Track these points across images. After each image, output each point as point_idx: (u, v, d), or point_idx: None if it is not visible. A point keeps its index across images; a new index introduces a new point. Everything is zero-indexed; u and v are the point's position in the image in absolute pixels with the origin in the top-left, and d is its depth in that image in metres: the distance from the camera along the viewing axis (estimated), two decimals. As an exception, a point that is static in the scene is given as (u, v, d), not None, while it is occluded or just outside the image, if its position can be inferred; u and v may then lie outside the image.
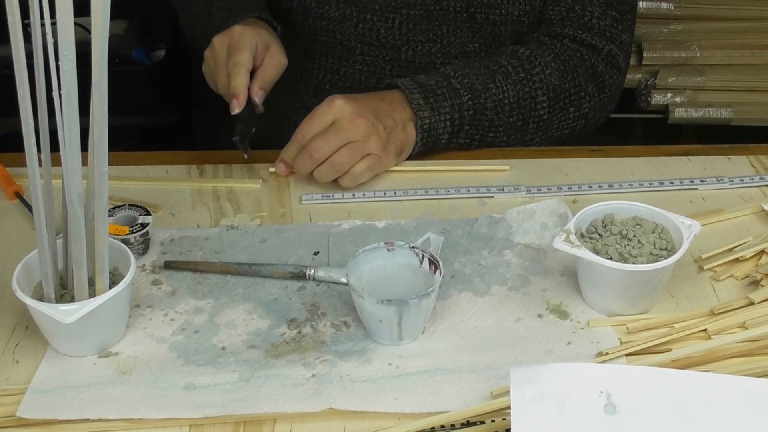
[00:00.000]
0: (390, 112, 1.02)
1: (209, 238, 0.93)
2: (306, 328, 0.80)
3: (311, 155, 0.98)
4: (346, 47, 1.13)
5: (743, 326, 0.79)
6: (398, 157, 1.03)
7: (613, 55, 1.12)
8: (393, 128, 1.01)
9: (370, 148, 0.99)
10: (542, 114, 1.09)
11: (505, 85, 1.07)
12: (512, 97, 1.07)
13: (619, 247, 0.81)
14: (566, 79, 1.09)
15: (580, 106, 1.11)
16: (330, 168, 0.98)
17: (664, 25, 1.91)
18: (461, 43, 1.12)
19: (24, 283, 0.76)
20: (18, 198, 0.98)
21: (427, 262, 0.81)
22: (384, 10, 1.11)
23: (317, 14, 1.12)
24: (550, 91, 1.08)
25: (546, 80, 1.08)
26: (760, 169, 1.06)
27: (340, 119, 0.98)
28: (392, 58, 1.12)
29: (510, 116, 1.07)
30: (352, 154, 0.98)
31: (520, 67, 1.08)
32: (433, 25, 1.11)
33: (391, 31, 1.11)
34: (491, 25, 1.11)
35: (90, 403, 0.72)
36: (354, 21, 1.11)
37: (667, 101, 1.91)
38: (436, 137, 1.05)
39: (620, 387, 0.61)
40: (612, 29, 1.12)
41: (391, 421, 0.71)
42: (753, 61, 1.91)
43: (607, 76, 1.13)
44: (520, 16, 1.11)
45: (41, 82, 0.68)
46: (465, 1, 1.10)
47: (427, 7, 1.10)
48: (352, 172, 0.99)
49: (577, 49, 1.11)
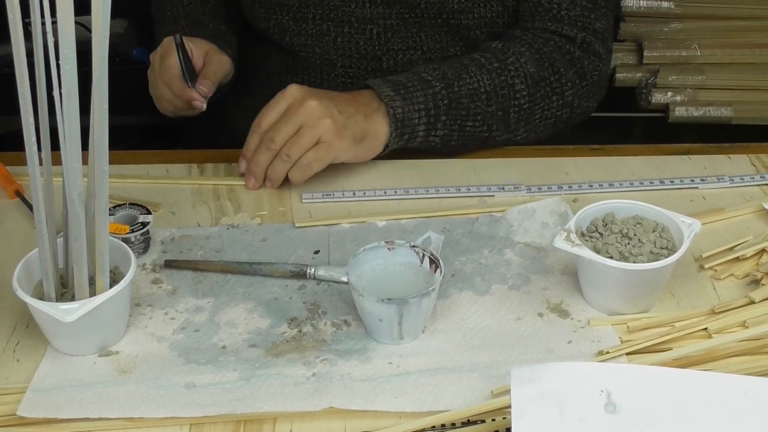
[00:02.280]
0: (351, 102, 1.00)
1: (210, 237, 0.93)
2: (306, 327, 0.80)
3: (268, 147, 0.97)
4: (327, 61, 1.13)
5: (744, 325, 0.79)
6: (356, 146, 0.99)
7: (587, 42, 1.10)
8: (352, 114, 0.98)
9: (321, 131, 0.96)
10: (522, 103, 1.06)
11: (479, 74, 1.04)
12: (488, 85, 1.04)
13: (619, 246, 0.81)
14: (543, 66, 1.07)
15: (563, 94, 1.09)
16: (280, 162, 0.97)
17: (664, 24, 1.91)
18: (441, 48, 1.11)
19: (24, 282, 0.76)
20: (18, 197, 0.98)
21: (427, 261, 0.81)
22: (361, 22, 1.10)
23: (295, 31, 1.12)
24: (528, 79, 1.06)
25: (522, 68, 1.06)
26: (760, 168, 1.06)
27: (292, 104, 0.97)
28: (374, 68, 1.11)
29: (488, 105, 1.04)
30: (300, 143, 0.96)
31: (494, 58, 1.06)
32: (411, 32, 1.10)
33: (370, 42, 1.10)
34: (466, 29, 1.10)
35: (90, 402, 0.72)
36: (332, 36, 1.11)
37: (667, 100, 1.91)
38: (411, 128, 1.01)
39: (621, 386, 0.61)
40: (583, 18, 1.10)
41: (392, 420, 0.71)
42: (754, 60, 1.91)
43: (585, 62, 1.10)
44: (493, 18, 1.10)
45: (42, 81, 0.68)
46: (437, 8, 1.08)
47: (403, 15, 1.09)
48: (300, 163, 0.97)
49: (549, 38, 1.09)
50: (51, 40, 0.66)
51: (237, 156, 1.06)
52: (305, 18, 1.11)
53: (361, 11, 1.09)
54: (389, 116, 1.00)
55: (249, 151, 1.00)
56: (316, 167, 0.97)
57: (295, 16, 1.11)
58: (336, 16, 1.10)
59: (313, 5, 1.10)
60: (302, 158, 0.97)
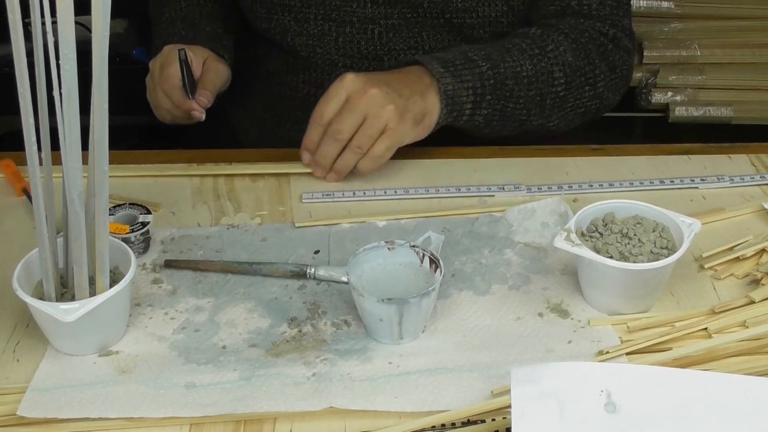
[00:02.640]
0: (406, 83, 1.00)
1: (210, 236, 0.93)
2: (306, 326, 0.80)
3: (335, 138, 0.97)
4: (328, 61, 1.13)
5: (744, 325, 0.79)
6: (416, 127, 1.00)
7: (618, 38, 1.12)
8: (410, 96, 0.99)
9: (387, 118, 0.97)
10: (559, 90, 1.08)
11: (521, 59, 1.05)
12: (530, 70, 1.05)
13: (619, 246, 0.81)
14: (579, 56, 1.08)
15: (595, 85, 1.10)
16: (350, 153, 0.98)
17: (664, 24, 1.91)
18: (443, 47, 1.11)
19: (24, 282, 0.76)
20: (25, 195, 0.97)
21: (427, 261, 0.81)
22: (362, 22, 1.10)
23: (296, 31, 1.12)
24: (566, 67, 1.07)
25: (561, 56, 1.07)
26: (760, 167, 1.06)
27: (353, 94, 0.97)
28: (375, 68, 1.11)
29: (529, 89, 1.05)
30: (369, 134, 0.97)
31: (534, 44, 1.07)
32: (413, 32, 1.10)
33: (371, 42, 1.11)
34: (469, 28, 1.10)
35: (90, 402, 0.72)
36: (334, 35, 1.11)
37: (667, 100, 1.91)
38: (460, 106, 1.02)
39: (621, 386, 0.61)
40: (613, 16, 1.12)
41: (392, 420, 0.71)
42: (753, 60, 1.91)
43: (617, 56, 1.12)
44: (497, 17, 1.10)
45: (42, 81, 0.68)
46: (440, 7, 1.08)
47: (405, 15, 1.09)
48: (372, 154, 0.98)
49: (585, 29, 1.10)
50: (51, 40, 0.66)
51: (237, 156, 1.06)
52: (307, 18, 1.11)
53: (362, 11, 1.09)
54: (440, 93, 1.00)
55: (312, 143, 1.00)
56: (387, 156, 0.99)
57: (296, 16, 1.11)
58: (338, 16, 1.10)
59: (315, 5, 1.10)
60: (373, 149, 0.98)
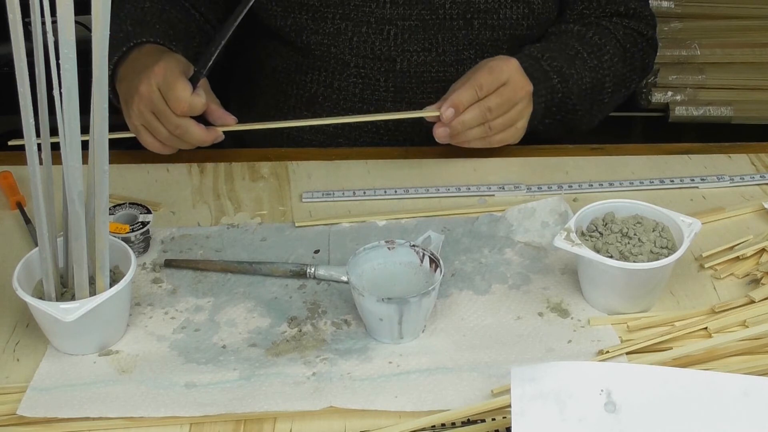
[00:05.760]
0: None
1: (210, 236, 0.93)
2: (306, 326, 0.80)
3: (484, 115, 0.99)
4: (341, 61, 1.13)
5: (744, 324, 0.79)
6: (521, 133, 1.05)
7: (652, 38, 1.17)
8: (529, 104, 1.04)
9: (520, 117, 1.01)
10: (604, 98, 1.12)
11: (583, 71, 1.09)
12: (588, 83, 1.09)
13: (619, 245, 0.81)
14: (626, 64, 1.13)
15: (629, 88, 1.16)
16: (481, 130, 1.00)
17: (664, 24, 1.91)
18: (456, 51, 1.11)
19: (24, 282, 0.76)
20: (18, 209, 0.95)
21: (427, 261, 0.81)
22: (379, 22, 1.10)
23: (312, 30, 1.12)
24: (615, 77, 1.12)
25: (614, 67, 1.11)
26: (760, 167, 1.06)
27: (513, 81, 0.99)
28: (387, 69, 1.11)
29: (585, 101, 1.10)
30: (504, 123, 1.00)
31: (593, 54, 1.10)
32: (428, 34, 1.10)
33: (386, 43, 1.11)
34: (489, 30, 1.10)
35: (90, 401, 0.72)
36: (349, 35, 1.11)
37: (667, 99, 1.91)
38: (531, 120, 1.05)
39: (621, 385, 0.61)
40: (650, 17, 1.17)
41: (392, 420, 0.71)
42: (753, 60, 1.91)
43: (650, 57, 1.18)
44: (518, 20, 1.10)
45: (42, 81, 0.68)
46: (462, 8, 1.09)
47: (423, 17, 1.09)
48: (491, 140, 1.01)
49: (630, 34, 1.14)
50: (51, 39, 0.66)
51: (237, 156, 1.06)
52: (324, 17, 1.10)
53: (381, 11, 1.09)
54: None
55: (462, 105, 0.99)
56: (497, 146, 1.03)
57: (314, 15, 1.10)
58: (355, 16, 1.10)
59: (334, 5, 1.09)
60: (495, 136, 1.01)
